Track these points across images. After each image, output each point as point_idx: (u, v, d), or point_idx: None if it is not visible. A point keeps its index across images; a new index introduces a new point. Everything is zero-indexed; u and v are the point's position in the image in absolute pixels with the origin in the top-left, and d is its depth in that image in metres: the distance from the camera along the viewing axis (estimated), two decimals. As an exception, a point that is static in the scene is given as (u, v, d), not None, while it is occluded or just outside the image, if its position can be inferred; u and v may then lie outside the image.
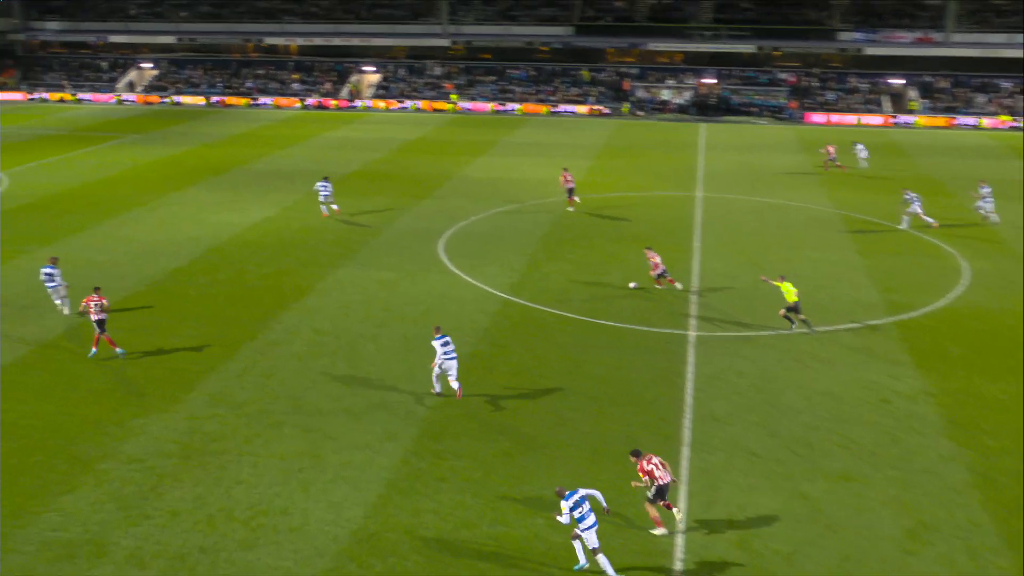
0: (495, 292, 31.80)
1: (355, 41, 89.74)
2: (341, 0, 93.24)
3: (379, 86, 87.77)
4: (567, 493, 17.41)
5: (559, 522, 17.67)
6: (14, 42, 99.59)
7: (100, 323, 26.69)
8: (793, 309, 27.12)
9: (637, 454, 18.71)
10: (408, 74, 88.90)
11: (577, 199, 42.55)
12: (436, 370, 23.45)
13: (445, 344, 23.02)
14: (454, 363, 23.28)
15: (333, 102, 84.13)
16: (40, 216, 42.69)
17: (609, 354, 26.13)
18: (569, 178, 41.72)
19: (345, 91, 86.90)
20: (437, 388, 23.78)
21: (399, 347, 27.56)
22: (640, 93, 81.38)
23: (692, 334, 27.55)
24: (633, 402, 23.33)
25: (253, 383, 24.48)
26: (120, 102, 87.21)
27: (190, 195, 47.49)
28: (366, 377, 25.41)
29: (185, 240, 39.06)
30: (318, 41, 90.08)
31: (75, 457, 20.11)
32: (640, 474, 18.37)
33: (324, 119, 76.30)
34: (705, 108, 77.38)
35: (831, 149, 50.47)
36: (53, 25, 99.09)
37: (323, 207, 41.67)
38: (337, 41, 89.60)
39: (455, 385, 23.25)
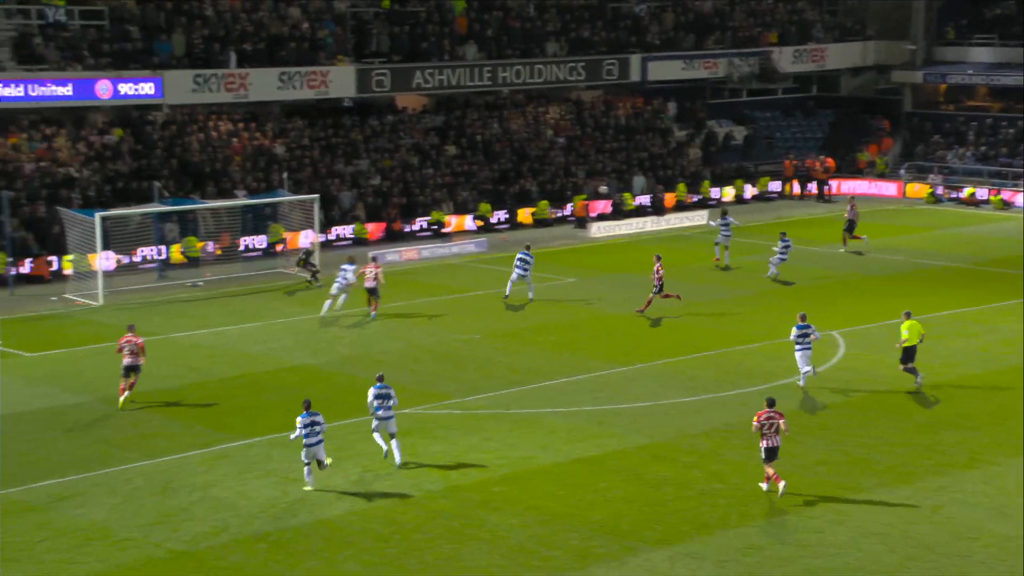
0: None
1: None
2: None
3: None
4: (305, 412, 28.58)
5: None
6: (900, 87, 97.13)
7: (372, 291, 44.60)
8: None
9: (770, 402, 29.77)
10: None
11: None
12: None
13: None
14: None
15: None
16: (851, 423, 39.85)
17: None
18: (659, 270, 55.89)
19: None
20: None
21: None
22: None
23: None
24: None
25: None
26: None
27: None
28: None
29: None
30: None
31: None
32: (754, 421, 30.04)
33: None
34: None
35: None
36: (980, 55, 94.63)
37: (718, 248, 57.20)
38: None
39: None
